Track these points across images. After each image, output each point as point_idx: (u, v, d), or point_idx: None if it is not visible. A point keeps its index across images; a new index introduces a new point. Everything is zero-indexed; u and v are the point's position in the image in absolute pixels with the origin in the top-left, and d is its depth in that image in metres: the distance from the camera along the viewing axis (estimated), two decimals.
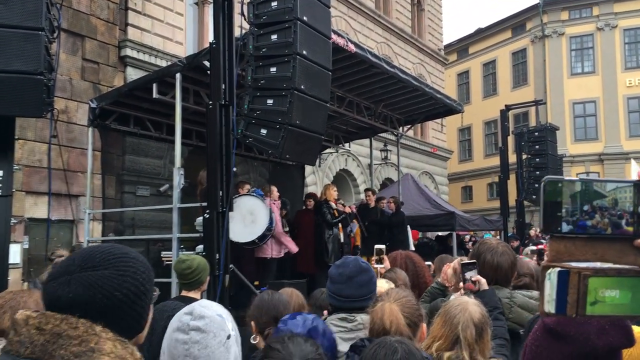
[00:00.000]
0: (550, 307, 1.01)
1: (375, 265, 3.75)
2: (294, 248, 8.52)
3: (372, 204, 10.53)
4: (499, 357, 2.43)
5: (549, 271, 1.01)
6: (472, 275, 2.78)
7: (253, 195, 7.78)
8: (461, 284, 2.77)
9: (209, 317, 1.68)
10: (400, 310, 2.26)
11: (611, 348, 1.46)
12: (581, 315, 0.99)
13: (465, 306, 2.30)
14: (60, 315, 1.15)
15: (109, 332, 1.17)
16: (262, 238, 7.68)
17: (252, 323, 2.76)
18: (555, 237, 1.06)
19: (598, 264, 1.01)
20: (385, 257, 3.81)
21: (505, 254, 2.94)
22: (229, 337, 1.67)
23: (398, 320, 2.23)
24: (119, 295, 1.20)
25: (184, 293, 4.14)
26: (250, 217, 7.57)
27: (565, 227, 1.04)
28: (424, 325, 2.34)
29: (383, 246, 3.88)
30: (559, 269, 1.00)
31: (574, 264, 1.00)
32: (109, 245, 1.32)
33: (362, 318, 2.57)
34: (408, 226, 10.61)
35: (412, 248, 10.37)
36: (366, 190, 11.44)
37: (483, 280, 2.79)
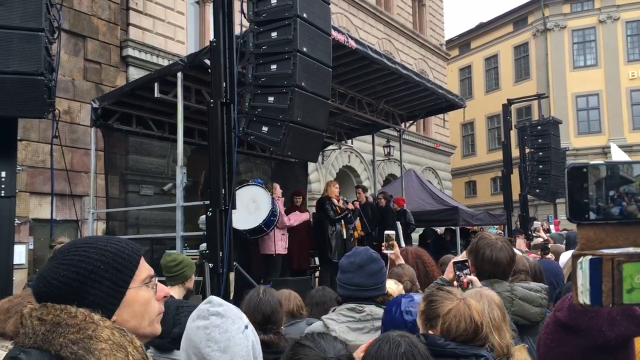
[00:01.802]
0: (584, 298, 0.96)
1: (385, 251, 3.76)
2: (305, 217, 8.72)
3: (363, 201, 10.45)
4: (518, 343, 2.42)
5: (580, 260, 0.97)
6: (465, 273, 2.80)
7: (253, 184, 7.81)
8: (455, 283, 2.78)
9: (227, 305, 1.75)
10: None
11: (623, 337, 1.50)
12: (618, 305, 0.95)
13: (483, 292, 2.32)
14: (60, 305, 1.20)
15: (106, 320, 1.21)
16: (268, 224, 7.66)
17: None
18: (583, 225, 1.01)
19: (631, 249, 0.96)
20: (395, 243, 3.81)
21: (504, 249, 2.93)
22: (246, 326, 1.72)
23: (484, 316, 2.13)
24: (55, 282, 1.24)
25: None
26: (254, 205, 7.61)
27: (593, 214, 0.99)
28: None
29: (393, 232, 3.89)
30: (590, 256, 0.95)
31: (605, 251, 0.96)
32: (85, 238, 1.39)
33: (371, 309, 2.59)
34: (398, 222, 10.49)
35: (402, 244, 10.26)
36: (356, 187, 11.34)
37: (475, 279, 2.81)
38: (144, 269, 1.36)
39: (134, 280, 1.33)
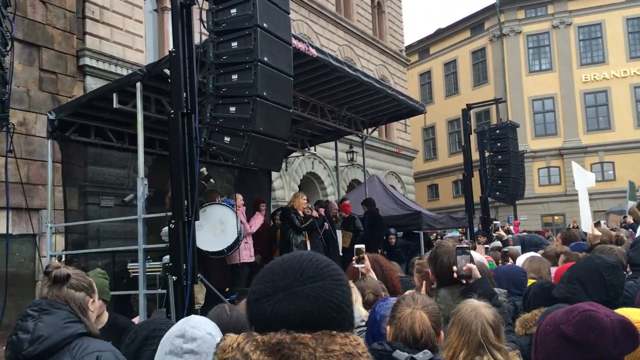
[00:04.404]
0: None
1: (356, 265, 3.74)
2: (261, 218, 8.79)
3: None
4: (510, 344, 2.46)
5: None
6: (465, 261, 2.80)
7: (223, 205, 7.72)
8: (455, 268, 2.80)
9: (201, 338, 1.70)
10: (428, 318, 2.28)
11: (623, 354, 1.69)
12: None
13: (478, 310, 2.34)
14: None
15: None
16: (230, 248, 7.63)
17: None
18: None
19: None
20: (365, 256, 3.79)
21: None
22: None
23: (429, 329, 2.25)
24: (344, 306, 1.13)
25: None
26: (220, 227, 7.51)
27: None
28: (442, 333, 2.36)
29: (362, 246, 3.87)
30: None
31: None
32: (306, 253, 1.23)
33: None
34: (339, 231, 10.25)
35: (340, 253, 10.02)
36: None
37: (474, 267, 2.82)
38: None
39: None
